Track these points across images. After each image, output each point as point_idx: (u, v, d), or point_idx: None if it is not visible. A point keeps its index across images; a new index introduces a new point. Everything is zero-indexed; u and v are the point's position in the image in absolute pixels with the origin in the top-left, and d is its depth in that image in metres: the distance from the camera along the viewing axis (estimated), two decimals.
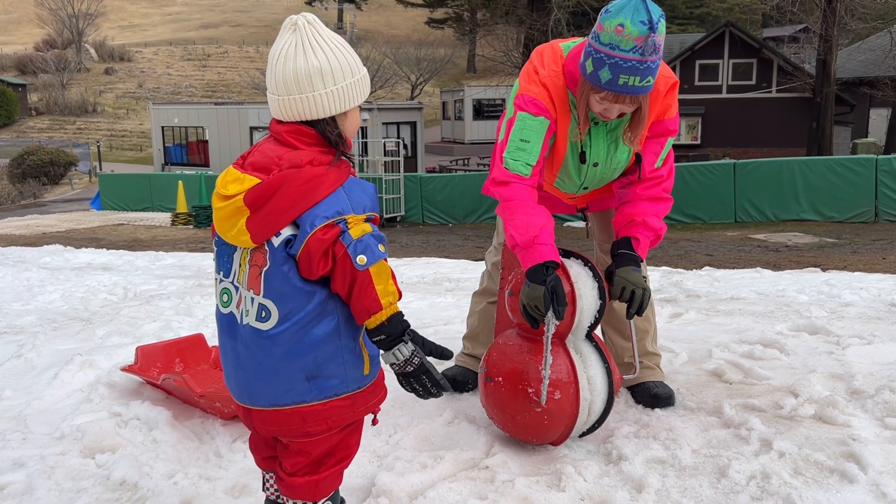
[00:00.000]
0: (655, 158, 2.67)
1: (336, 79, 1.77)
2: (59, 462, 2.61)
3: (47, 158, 33.20)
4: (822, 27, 22.58)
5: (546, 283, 2.39)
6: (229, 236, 1.77)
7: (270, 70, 1.79)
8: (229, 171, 1.79)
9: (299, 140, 1.77)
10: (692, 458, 2.48)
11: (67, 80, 54.70)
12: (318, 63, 1.75)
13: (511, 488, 2.29)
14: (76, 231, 16.45)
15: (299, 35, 1.76)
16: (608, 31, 2.31)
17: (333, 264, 1.72)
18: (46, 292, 5.94)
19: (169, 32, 72.16)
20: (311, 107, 1.76)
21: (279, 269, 1.74)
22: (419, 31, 53.83)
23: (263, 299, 1.75)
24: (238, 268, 1.79)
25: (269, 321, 1.75)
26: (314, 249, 1.70)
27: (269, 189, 1.70)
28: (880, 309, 4.41)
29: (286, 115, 1.78)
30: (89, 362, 3.61)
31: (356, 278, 1.72)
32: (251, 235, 1.73)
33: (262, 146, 1.81)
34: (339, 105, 1.79)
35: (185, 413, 2.98)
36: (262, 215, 1.71)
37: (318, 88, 1.76)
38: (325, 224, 1.70)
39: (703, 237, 13.21)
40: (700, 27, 43.55)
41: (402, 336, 1.78)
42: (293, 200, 1.70)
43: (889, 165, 14.17)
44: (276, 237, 1.73)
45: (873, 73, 26.16)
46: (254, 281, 1.76)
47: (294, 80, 1.75)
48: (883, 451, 2.44)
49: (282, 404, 1.78)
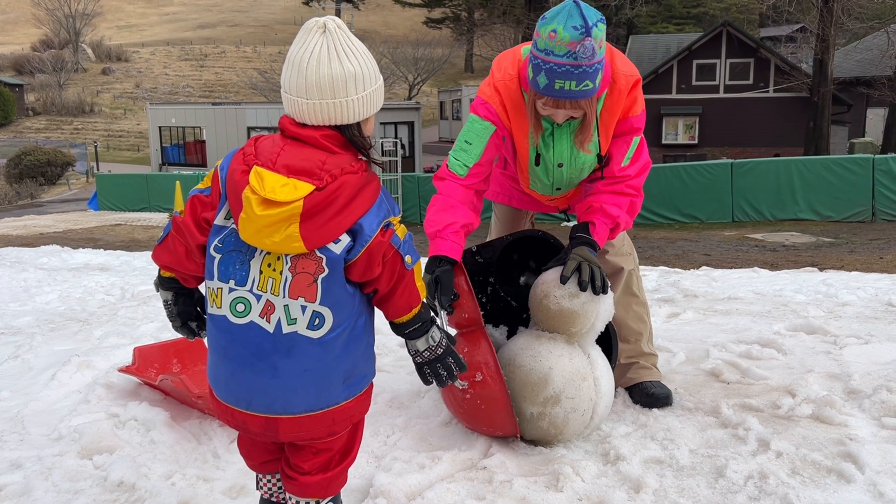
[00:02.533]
0: (622, 158, 2.69)
1: (366, 84, 1.77)
2: (56, 463, 2.61)
3: (44, 159, 33.19)
4: (818, 27, 22.63)
5: (433, 273, 2.53)
6: (268, 243, 1.67)
7: (297, 72, 1.73)
8: (268, 175, 1.67)
9: (334, 144, 1.74)
10: (690, 458, 2.49)
11: (64, 80, 54.70)
12: (353, 68, 1.74)
13: (509, 489, 2.29)
14: (73, 231, 16.43)
15: (331, 39, 1.73)
16: (543, 38, 2.35)
17: (383, 265, 1.75)
18: (44, 293, 5.94)
19: (166, 32, 72.11)
20: (344, 111, 1.75)
21: (339, 276, 1.72)
22: (417, 31, 53.88)
23: (319, 307, 1.72)
24: (259, 275, 1.72)
25: (323, 328, 1.73)
26: (375, 252, 1.72)
27: (331, 195, 1.66)
28: (877, 309, 4.42)
29: (315, 118, 1.74)
30: (87, 363, 3.61)
31: (404, 276, 1.78)
32: (305, 242, 1.67)
33: (288, 149, 1.73)
34: (368, 110, 1.80)
35: (182, 414, 2.98)
36: (319, 221, 1.66)
37: (352, 94, 1.74)
38: (381, 225, 1.73)
39: (700, 237, 13.22)
40: (697, 27, 43.60)
41: (433, 320, 1.88)
42: (354, 206, 1.70)
43: (886, 165, 14.19)
44: (334, 244, 1.70)
45: (870, 72, 26.24)
46: (306, 289, 1.71)
47: (330, 85, 1.72)
48: (880, 451, 2.44)
49: (318, 409, 1.77)
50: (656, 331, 4.03)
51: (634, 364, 3.03)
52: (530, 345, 2.59)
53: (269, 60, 56.17)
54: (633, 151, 2.70)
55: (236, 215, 1.70)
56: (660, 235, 13.57)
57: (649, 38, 35.18)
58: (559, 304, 2.54)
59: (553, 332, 2.61)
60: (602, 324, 2.62)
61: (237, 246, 1.74)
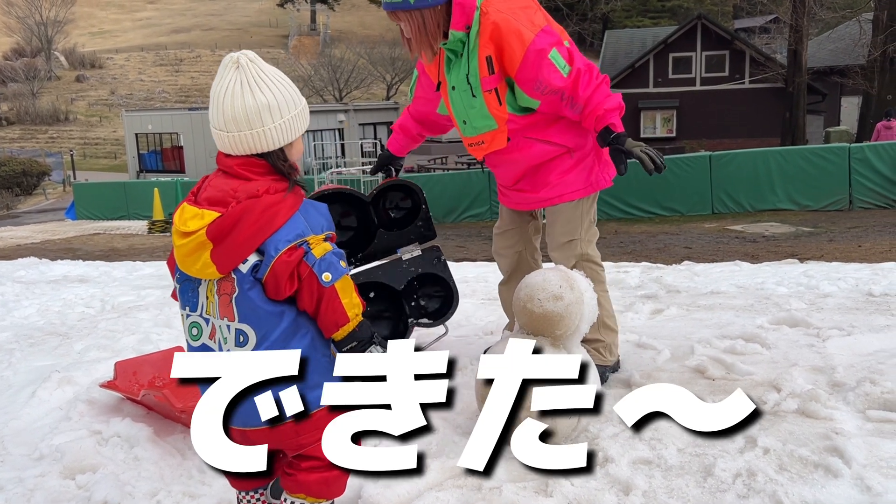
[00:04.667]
0: (558, 73, 2.83)
1: (283, 112, 1.88)
2: (38, 484, 2.57)
3: (19, 169, 32.77)
4: (792, 17, 22.80)
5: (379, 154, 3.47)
6: (193, 270, 1.83)
7: (217, 108, 1.86)
8: (185, 207, 1.85)
9: (251, 171, 1.86)
10: (678, 458, 2.48)
11: (38, 88, 54.06)
12: (265, 99, 1.85)
13: (498, 495, 2.28)
14: (51, 242, 16.25)
15: (243, 73, 1.84)
16: None
17: (299, 284, 1.82)
18: (22, 307, 5.85)
19: (140, 38, 71.50)
20: (262, 140, 1.86)
21: (247, 295, 1.82)
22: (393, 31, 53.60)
23: (239, 324, 1.83)
24: (206, 300, 1.87)
25: (248, 344, 1.83)
26: (280, 272, 1.80)
27: (230, 220, 1.79)
28: (858, 299, 4.45)
29: (237, 149, 1.87)
30: (67, 378, 3.56)
31: (323, 295, 1.83)
32: (217, 267, 1.80)
33: (213, 181, 1.89)
34: (287, 136, 1.90)
35: (166, 429, 2.94)
36: (225, 246, 1.79)
37: (268, 123, 1.85)
38: (288, 247, 1.81)
39: (681, 230, 13.29)
40: (672, 20, 43.82)
41: (372, 339, 1.92)
42: (255, 229, 1.80)
43: (862, 153, 14.31)
44: (242, 264, 1.82)
45: (843, 61, 26.47)
46: (226, 309, 1.84)
47: (244, 117, 1.83)
48: (866, 444, 2.45)
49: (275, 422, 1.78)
50: (640, 328, 4.04)
51: None
52: None
53: None
54: (563, 60, 2.84)
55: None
56: (641, 230, 13.63)
57: (625, 32, 35.31)
58: (543, 307, 2.54)
59: (538, 334, 2.60)
60: (587, 326, 2.63)
61: (188, 276, 1.89)
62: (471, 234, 14.06)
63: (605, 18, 44.35)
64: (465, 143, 3.19)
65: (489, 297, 5.23)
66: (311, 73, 42.88)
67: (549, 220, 3.27)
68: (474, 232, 14.26)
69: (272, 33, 68.87)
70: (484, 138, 3.08)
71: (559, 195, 3.14)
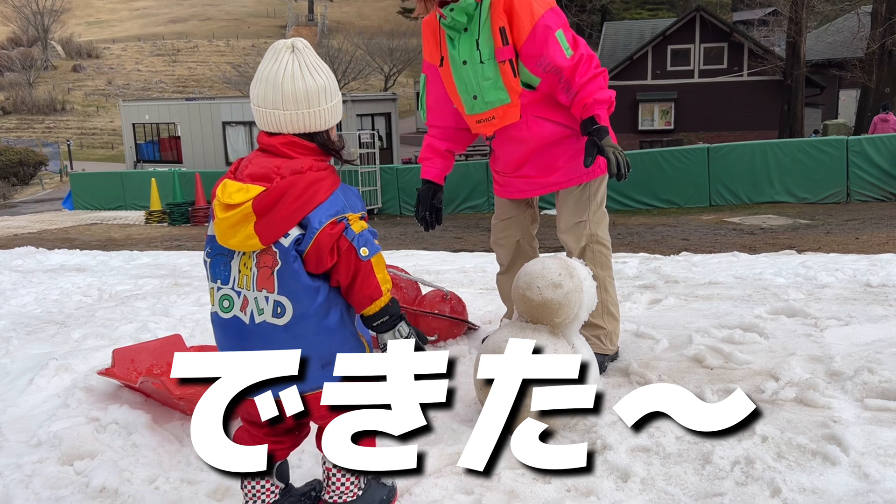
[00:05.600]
0: (562, 52, 2.89)
1: (333, 96, 2.01)
2: (36, 470, 2.56)
3: (16, 159, 32.63)
4: (790, 10, 22.76)
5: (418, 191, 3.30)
6: (234, 242, 1.91)
7: (273, 87, 1.95)
8: (228, 182, 1.93)
9: (294, 150, 1.96)
10: (676, 446, 2.49)
11: (34, 78, 53.82)
12: (323, 81, 1.98)
13: (497, 482, 2.28)
14: (48, 232, 16.22)
15: (301, 58, 1.97)
16: None
17: (338, 257, 1.91)
18: (19, 295, 5.84)
19: (137, 28, 71.21)
20: (317, 120, 1.98)
21: (291, 267, 1.90)
22: (391, 22, 53.56)
23: (278, 296, 1.92)
24: (238, 273, 1.95)
25: (285, 316, 1.92)
26: (324, 244, 1.89)
27: (275, 194, 1.87)
28: (856, 290, 4.46)
29: (289, 127, 1.96)
30: (65, 366, 3.55)
31: (360, 269, 1.93)
32: (260, 238, 1.88)
33: (255, 160, 1.96)
34: (335, 118, 2.03)
35: (164, 416, 2.94)
36: (269, 219, 1.87)
37: (322, 104, 1.98)
38: (330, 221, 1.91)
39: (678, 222, 13.29)
40: (671, 12, 43.72)
41: (402, 315, 2.03)
42: (300, 203, 1.89)
43: (859, 146, 14.32)
44: (284, 238, 1.90)
45: (842, 54, 26.47)
46: (266, 281, 1.92)
47: (305, 97, 1.95)
48: (863, 433, 2.46)
49: (302, 392, 1.84)
50: (639, 317, 4.04)
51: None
52: (514, 336, 2.58)
53: (242, 54, 55.69)
54: (567, 42, 2.91)
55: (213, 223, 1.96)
56: (638, 222, 13.63)
57: (623, 24, 35.25)
58: (542, 295, 2.53)
59: (537, 323, 2.60)
60: (586, 313, 2.63)
61: (221, 250, 1.98)
62: (469, 225, 14.05)
63: (604, 10, 44.21)
64: (473, 121, 3.17)
65: (487, 287, 5.23)
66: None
67: (559, 203, 3.28)
68: (472, 223, 14.26)
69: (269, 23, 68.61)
70: (495, 113, 3.07)
71: (568, 179, 3.17)
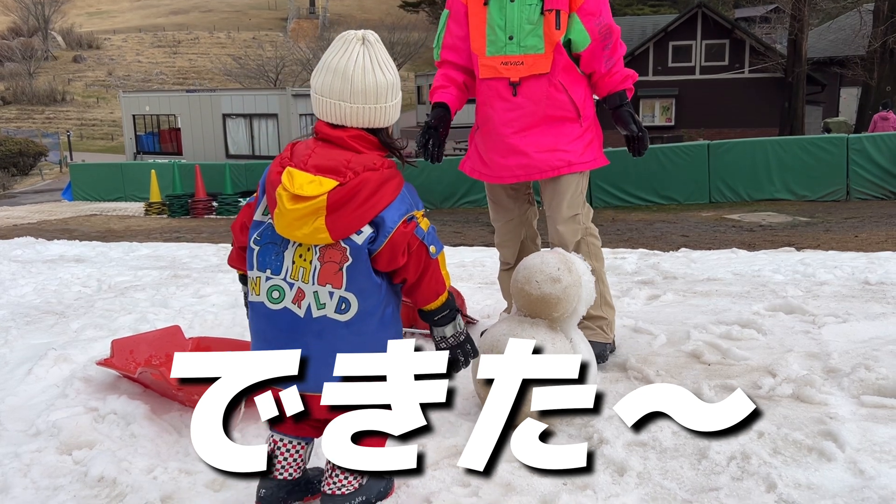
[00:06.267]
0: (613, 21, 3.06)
1: (398, 93, 2.00)
2: (34, 459, 2.57)
3: (16, 149, 32.63)
4: (793, 7, 22.73)
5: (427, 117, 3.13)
6: (299, 234, 1.87)
7: (343, 79, 1.91)
8: (296, 173, 1.86)
9: (361, 145, 1.93)
10: (673, 440, 2.49)
11: (35, 68, 53.80)
12: (392, 78, 1.97)
13: (493, 474, 2.28)
14: (48, 222, 16.21)
15: (372, 51, 1.94)
16: None
17: (408, 255, 1.92)
18: (18, 286, 5.84)
19: (138, 19, 71.07)
20: (383, 115, 1.97)
21: (363, 266, 1.91)
22: (392, 15, 53.49)
23: (345, 293, 1.91)
24: (292, 265, 1.92)
25: (349, 312, 1.92)
26: (398, 243, 1.90)
27: (352, 190, 1.85)
28: (854, 287, 4.46)
29: (354, 121, 1.93)
30: (64, 356, 3.55)
31: (429, 266, 1.96)
32: (330, 233, 1.86)
33: (318, 150, 1.91)
34: (396, 115, 2.01)
35: (163, 406, 2.95)
36: (343, 214, 1.85)
37: (390, 100, 1.97)
38: (402, 220, 1.91)
39: (678, 218, 13.29)
40: (673, 8, 43.68)
41: (458, 309, 2.07)
42: (374, 200, 1.87)
43: (860, 144, 14.31)
44: (356, 235, 1.89)
45: (843, 52, 26.43)
46: (333, 276, 1.90)
47: (374, 91, 1.93)
48: (859, 429, 2.47)
49: None
50: (637, 313, 4.05)
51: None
52: (512, 330, 2.59)
53: (242, 46, 55.58)
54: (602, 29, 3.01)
55: (272, 211, 1.91)
56: (638, 217, 13.62)
57: (625, 19, 35.18)
58: (541, 289, 2.54)
59: (535, 317, 2.61)
60: (584, 308, 2.63)
61: (273, 239, 1.95)
62: (468, 219, 14.05)
63: None
64: (499, 62, 3.05)
65: (486, 282, 5.23)
66: (309, 57, 42.71)
67: (550, 193, 3.17)
68: (472, 218, 14.25)
69: (271, 16, 68.49)
70: (525, 59, 3.01)
71: (568, 164, 3.08)
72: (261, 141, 28.18)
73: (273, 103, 28.03)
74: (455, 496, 2.19)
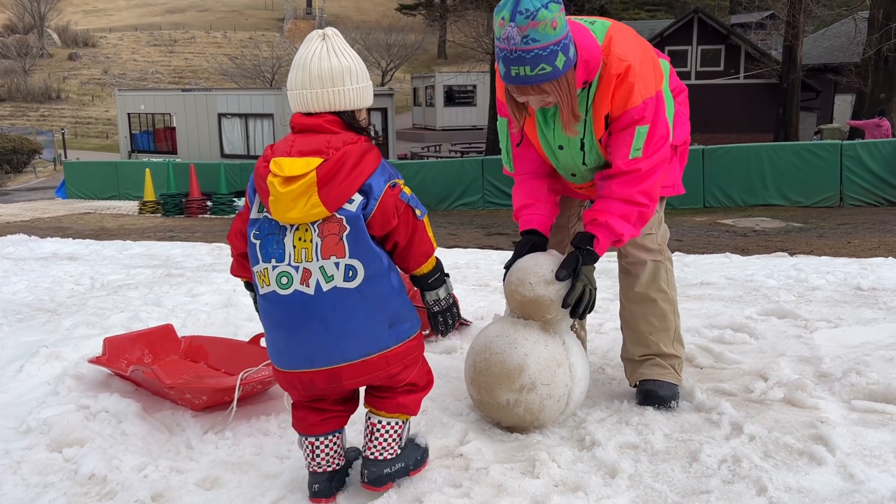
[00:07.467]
0: (627, 150, 2.54)
1: (359, 79, 2.11)
2: (25, 456, 2.56)
3: (10, 146, 32.47)
4: (788, 14, 22.80)
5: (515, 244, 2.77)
6: (295, 214, 1.97)
7: (302, 68, 2.07)
8: (283, 160, 1.99)
9: (336, 127, 2.06)
10: (664, 443, 2.50)
11: (30, 65, 53.59)
12: (348, 63, 2.09)
13: (485, 475, 2.29)
14: (41, 220, 16.15)
15: (329, 42, 2.09)
16: (496, 26, 2.36)
17: (397, 218, 2.04)
18: (10, 283, 5.82)
19: (134, 17, 70.91)
20: (341, 99, 2.08)
21: (361, 233, 2.01)
22: (389, 17, 53.50)
23: (350, 260, 2.01)
24: (294, 249, 2.02)
25: (357, 279, 2.01)
26: (388, 205, 2.03)
27: (337, 162, 1.97)
28: (846, 293, 4.48)
29: (316, 106, 2.07)
30: (56, 354, 3.54)
31: (417, 228, 2.09)
32: (325, 205, 1.97)
33: (297, 140, 2.04)
34: (360, 101, 2.12)
35: (154, 405, 2.94)
36: (334, 186, 1.97)
37: (347, 84, 2.08)
38: (388, 184, 2.04)
39: (672, 222, 13.29)
40: (669, 13, 43.80)
41: (447, 273, 2.22)
42: (360, 169, 2.00)
43: (853, 151, 14.36)
44: (349, 204, 2.00)
45: (838, 59, 26.48)
46: (334, 248, 2.00)
47: (329, 76, 2.06)
48: (850, 433, 2.48)
49: (371, 353, 2.05)
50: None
51: (649, 360, 2.85)
52: (505, 332, 2.59)
53: (239, 46, 55.54)
54: (642, 143, 2.53)
55: (266, 201, 2.01)
56: None
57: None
58: (534, 291, 2.54)
59: (528, 318, 2.61)
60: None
61: (271, 230, 2.05)
62: (463, 221, 14.04)
63: (603, 10, 44.23)
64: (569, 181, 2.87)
65: (480, 284, 5.23)
66: None
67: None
68: (466, 220, 14.24)
69: (267, 16, 68.43)
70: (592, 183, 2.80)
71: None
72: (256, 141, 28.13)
73: (269, 103, 27.98)
74: (447, 497, 2.19)
